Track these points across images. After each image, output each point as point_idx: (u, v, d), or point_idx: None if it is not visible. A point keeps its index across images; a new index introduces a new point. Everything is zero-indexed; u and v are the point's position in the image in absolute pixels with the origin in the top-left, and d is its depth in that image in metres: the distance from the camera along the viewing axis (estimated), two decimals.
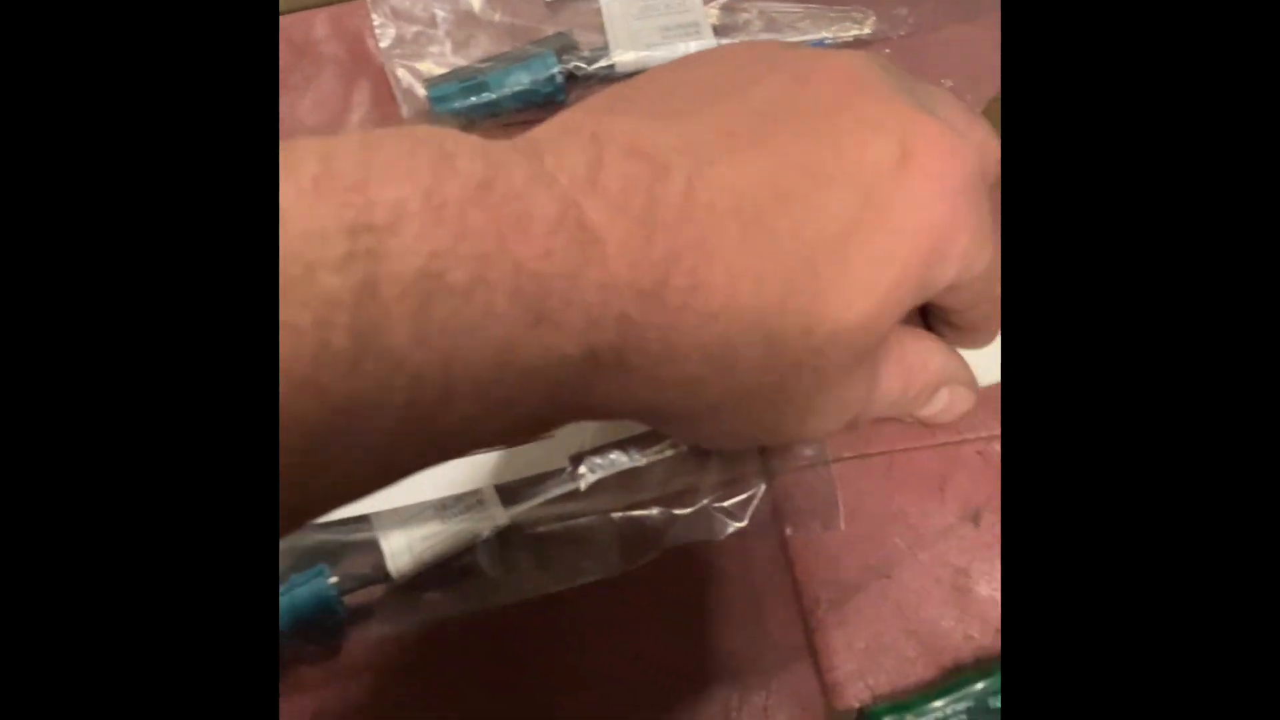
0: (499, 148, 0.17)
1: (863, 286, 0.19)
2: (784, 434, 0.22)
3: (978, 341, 0.28)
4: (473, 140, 0.17)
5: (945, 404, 0.27)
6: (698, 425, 0.22)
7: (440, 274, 0.16)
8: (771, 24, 0.38)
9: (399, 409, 0.16)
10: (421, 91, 0.38)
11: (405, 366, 0.16)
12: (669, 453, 0.32)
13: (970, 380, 0.27)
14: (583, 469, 0.32)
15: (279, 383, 0.14)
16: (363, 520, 0.31)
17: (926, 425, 0.30)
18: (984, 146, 0.22)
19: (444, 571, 0.31)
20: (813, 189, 0.19)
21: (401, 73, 0.38)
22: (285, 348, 0.15)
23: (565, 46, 0.38)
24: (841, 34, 0.38)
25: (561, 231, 0.17)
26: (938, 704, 0.29)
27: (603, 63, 0.37)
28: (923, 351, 0.25)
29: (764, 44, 0.23)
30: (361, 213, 0.15)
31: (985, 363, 0.31)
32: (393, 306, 0.15)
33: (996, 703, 0.29)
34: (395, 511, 0.31)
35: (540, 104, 0.37)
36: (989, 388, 0.33)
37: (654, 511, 0.32)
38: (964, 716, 0.29)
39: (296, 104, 0.39)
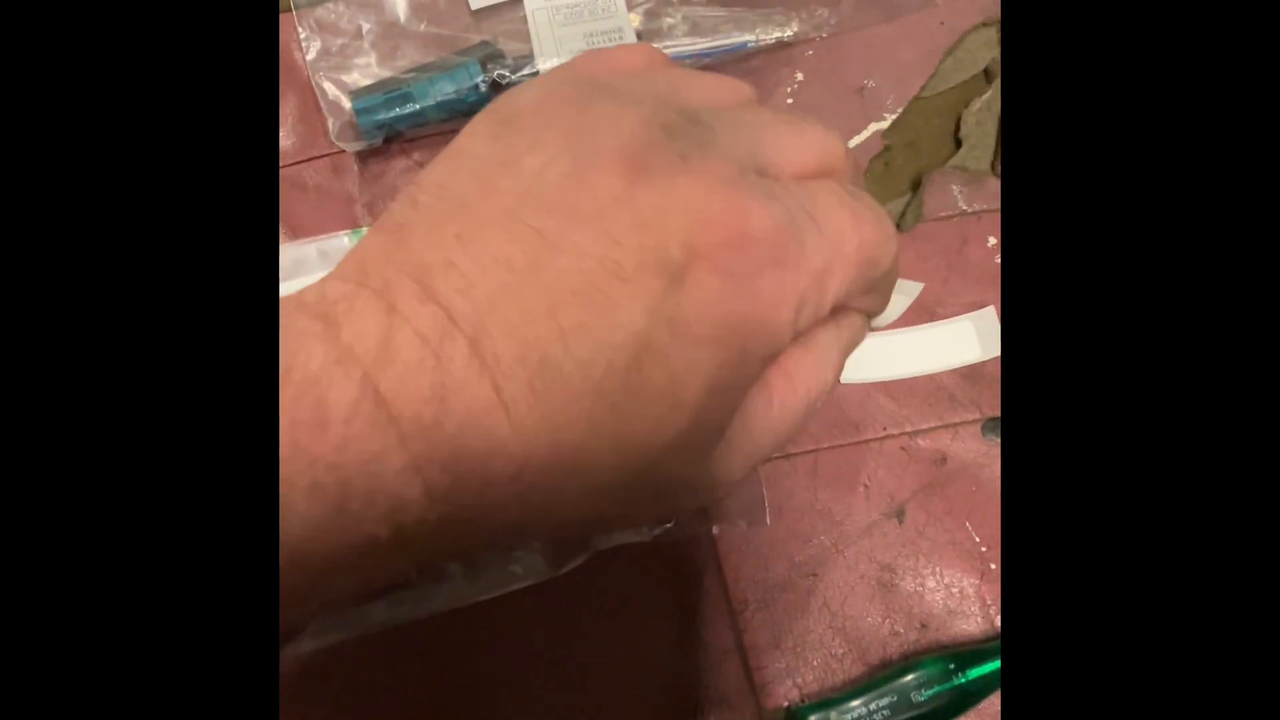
0: (299, 324, 0.17)
1: (671, 409, 0.19)
2: (688, 501, 0.21)
3: (876, 313, 0.27)
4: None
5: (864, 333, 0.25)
6: (570, 533, 0.21)
7: None
8: (695, 28, 0.39)
9: None
10: (347, 104, 0.38)
11: None
12: None
13: (881, 301, 0.25)
14: None
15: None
16: None
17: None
18: (824, 152, 0.22)
19: None
20: (595, 319, 0.18)
21: (328, 85, 0.38)
22: None
23: (490, 55, 0.38)
24: (764, 37, 0.38)
25: (359, 417, 0.16)
26: (855, 703, 0.29)
27: (527, 71, 0.37)
28: (811, 363, 0.23)
29: (557, 99, 0.21)
30: None
31: (949, 345, 0.31)
32: None
33: (920, 696, 0.30)
34: None
35: (466, 112, 0.38)
36: (915, 378, 0.33)
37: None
38: (887, 712, 0.29)
39: None
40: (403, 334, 0.17)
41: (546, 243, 0.18)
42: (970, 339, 0.34)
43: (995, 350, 0.34)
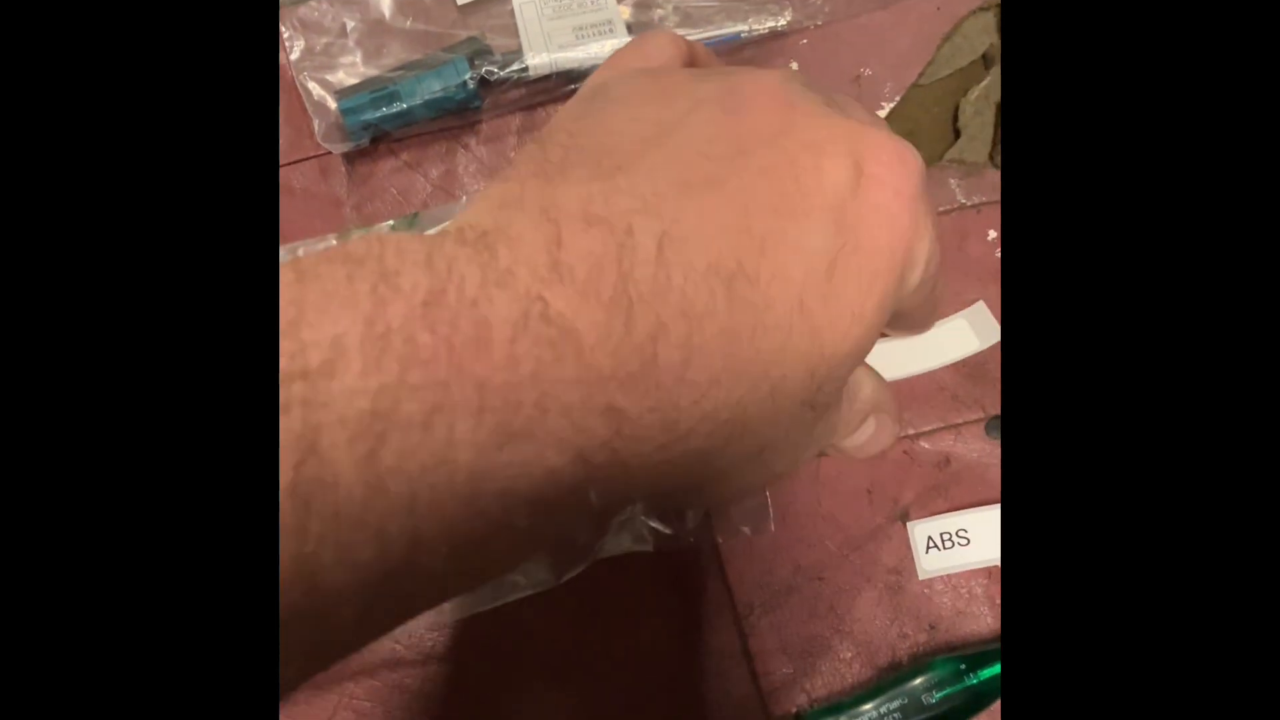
0: (446, 251, 0.16)
1: (854, 314, 0.19)
2: (775, 477, 0.22)
3: (918, 328, 0.28)
4: (417, 248, 0.16)
5: (871, 434, 0.26)
6: (696, 496, 0.20)
7: (389, 411, 0.14)
8: (687, 19, 0.38)
9: (360, 573, 0.14)
10: (333, 104, 0.37)
11: (362, 523, 0.14)
12: None
13: (895, 411, 0.26)
14: None
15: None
16: None
17: (848, 456, 0.29)
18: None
19: None
20: (786, 226, 0.18)
21: (313, 85, 0.37)
22: None
23: (478, 51, 0.37)
24: (758, 27, 0.37)
25: (526, 334, 0.15)
26: (866, 706, 0.29)
27: (516, 66, 0.37)
28: (854, 380, 0.24)
29: (664, 76, 0.21)
30: (292, 359, 0.14)
31: (947, 342, 0.31)
32: (339, 457, 0.14)
33: (932, 698, 0.29)
34: None
35: (454, 111, 0.37)
36: (916, 376, 0.33)
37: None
38: (898, 715, 0.29)
39: None
40: (573, 253, 0.16)
41: (719, 164, 0.18)
42: (967, 334, 0.33)
43: (993, 338, 0.33)
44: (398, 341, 0.14)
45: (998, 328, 0.33)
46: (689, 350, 0.17)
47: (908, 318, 0.26)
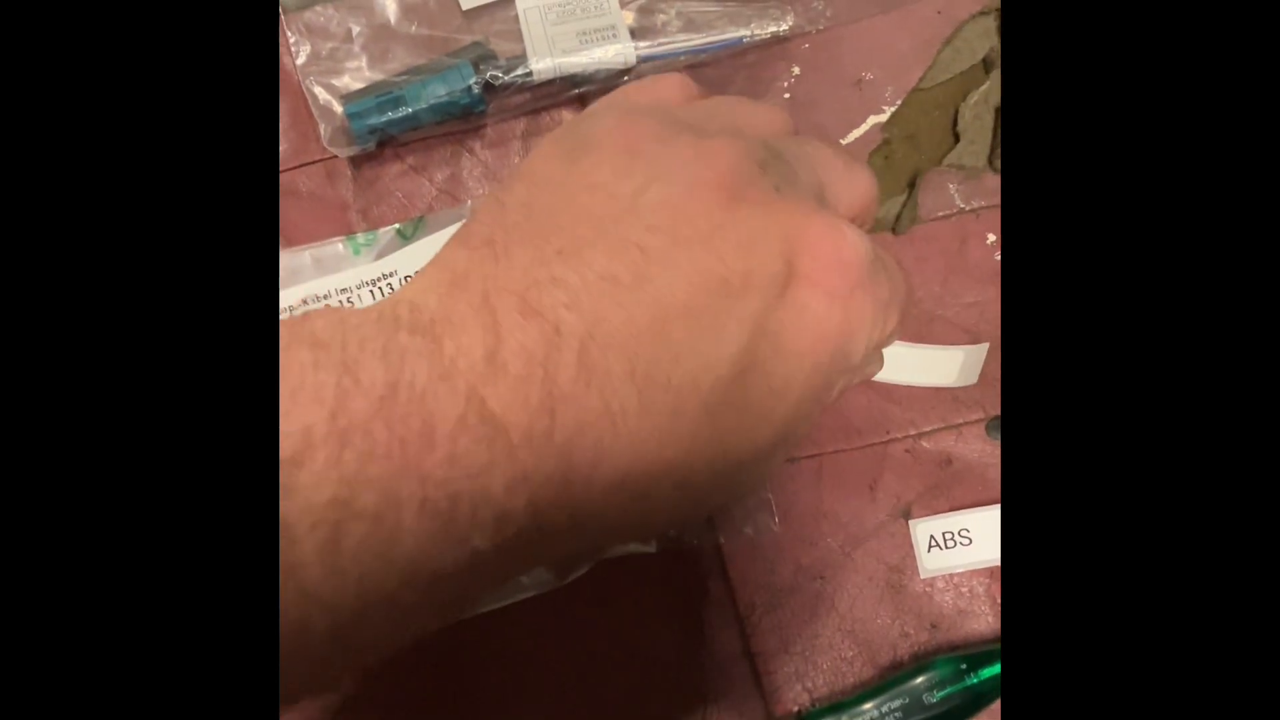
0: (400, 342, 0.17)
1: (763, 420, 0.20)
2: (736, 497, 0.23)
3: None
4: (374, 337, 0.17)
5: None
6: (654, 534, 0.21)
7: (349, 501, 0.16)
8: (690, 24, 0.38)
9: (313, 644, 0.16)
10: (338, 108, 0.37)
11: (318, 602, 0.16)
12: None
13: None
14: None
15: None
16: None
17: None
18: (867, 198, 0.22)
19: None
20: (701, 334, 0.19)
21: (319, 90, 0.38)
22: None
23: (482, 56, 0.37)
24: (759, 32, 0.38)
25: (465, 432, 0.17)
26: (867, 705, 0.29)
27: (520, 71, 0.37)
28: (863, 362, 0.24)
29: (642, 123, 0.21)
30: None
31: (935, 366, 0.31)
32: (304, 541, 0.15)
33: (933, 698, 0.30)
34: None
35: (459, 115, 0.37)
36: (917, 387, 0.33)
37: None
38: (899, 714, 0.29)
39: None
40: (509, 348, 0.17)
41: (651, 261, 0.19)
42: (954, 368, 0.33)
43: (972, 379, 0.33)
44: (357, 437, 0.16)
45: (978, 371, 0.33)
46: (599, 453, 0.18)
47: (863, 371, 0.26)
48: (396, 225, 0.37)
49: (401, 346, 0.17)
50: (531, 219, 0.20)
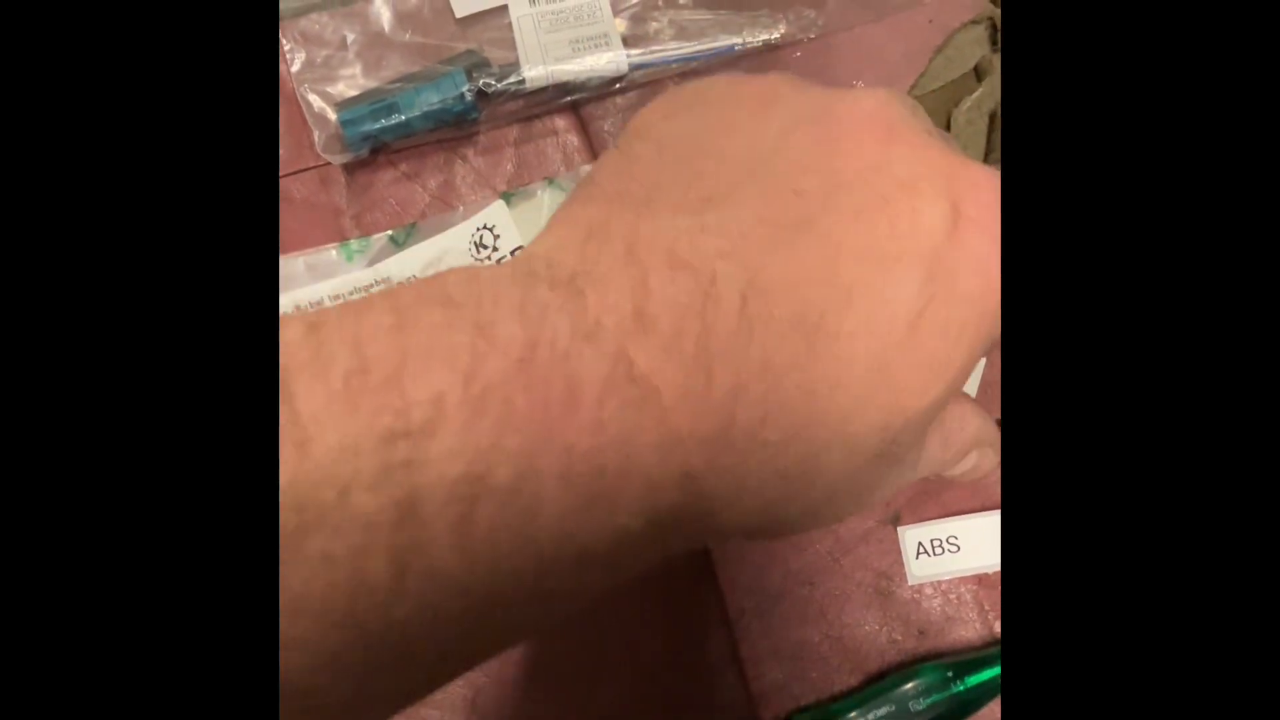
0: (539, 297, 0.16)
1: (937, 368, 0.18)
2: (838, 520, 0.21)
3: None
4: (511, 294, 0.16)
5: (973, 464, 0.25)
6: (762, 536, 0.20)
7: (483, 475, 0.14)
8: (682, 32, 0.38)
9: (443, 629, 0.15)
10: (332, 115, 0.37)
11: (450, 584, 0.14)
12: None
13: (997, 441, 0.26)
14: None
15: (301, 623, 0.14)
16: None
17: (950, 481, 0.28)
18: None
19: None
20: (874, 276, 0.17)
21: (313, 97, 0.38)
22: (320, 582, 0.13)
23: (476, 64, 0.38)
24: (751, 40, 0.38)
25: (613, 395, 0.15)
26: (853, 713, 0.29)
27: (513, 79, 0.37)
28: (960, 416, 0.23)
29: (768, 82, 0.20)
30: (398, 416, 0.14)
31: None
32: (435, 520, 0.14)
33: (919, 705, 0.30)
34: None
35: (452, 122, 0.37)
36: None
37: None
38: None
39: None
40: (658, 302, 0.16)
41: (809, 202, 0.18)
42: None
43: (969, 390, 0.33)
44: (494, 402, 0.14)
45: (978, 381, 0.33)
46: (766, 408, 0.16)
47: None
48: (390, 232, 0.37)
49: (541, 302, 0.16)
50: (666, 169, 0.19)
